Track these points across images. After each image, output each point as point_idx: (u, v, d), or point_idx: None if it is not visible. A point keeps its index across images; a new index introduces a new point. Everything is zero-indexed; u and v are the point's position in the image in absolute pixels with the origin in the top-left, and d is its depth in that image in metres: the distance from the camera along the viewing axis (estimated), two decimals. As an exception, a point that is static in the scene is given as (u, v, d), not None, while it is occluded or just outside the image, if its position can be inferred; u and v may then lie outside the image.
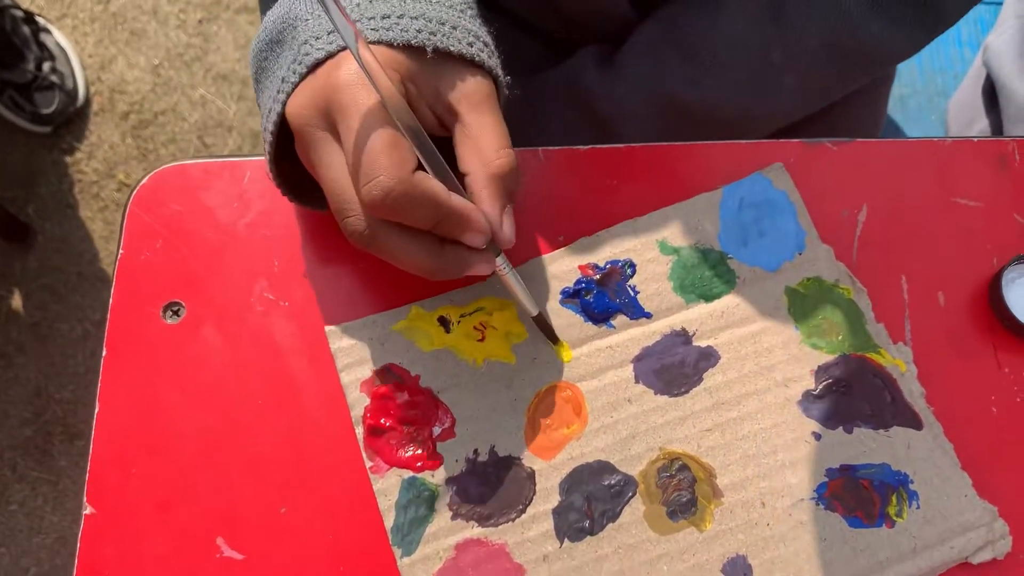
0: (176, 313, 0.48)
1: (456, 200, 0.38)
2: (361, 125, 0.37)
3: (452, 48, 0.40)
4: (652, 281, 0.48)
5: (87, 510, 0.44)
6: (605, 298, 0.47)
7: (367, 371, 0.46)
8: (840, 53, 0.54)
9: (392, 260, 0.40)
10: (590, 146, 0.51)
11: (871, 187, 0.50)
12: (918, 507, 0.44)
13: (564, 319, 0.47)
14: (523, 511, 0.44)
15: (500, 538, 0.44)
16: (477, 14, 0.44)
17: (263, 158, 0.50)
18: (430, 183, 0.37)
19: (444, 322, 0.47)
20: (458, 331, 0.47)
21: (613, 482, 0.44)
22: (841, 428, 0.45)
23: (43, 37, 1.47)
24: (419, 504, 0.44)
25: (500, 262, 0.42)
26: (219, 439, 0.45)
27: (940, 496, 0.44)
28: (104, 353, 0.47)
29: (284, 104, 0.40)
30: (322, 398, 0.46)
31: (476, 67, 0.41)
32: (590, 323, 0.47)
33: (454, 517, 0.44)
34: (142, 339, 0.47)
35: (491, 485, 0.44)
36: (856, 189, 0.50)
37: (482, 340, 0.46)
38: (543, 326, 0.45)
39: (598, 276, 0.48)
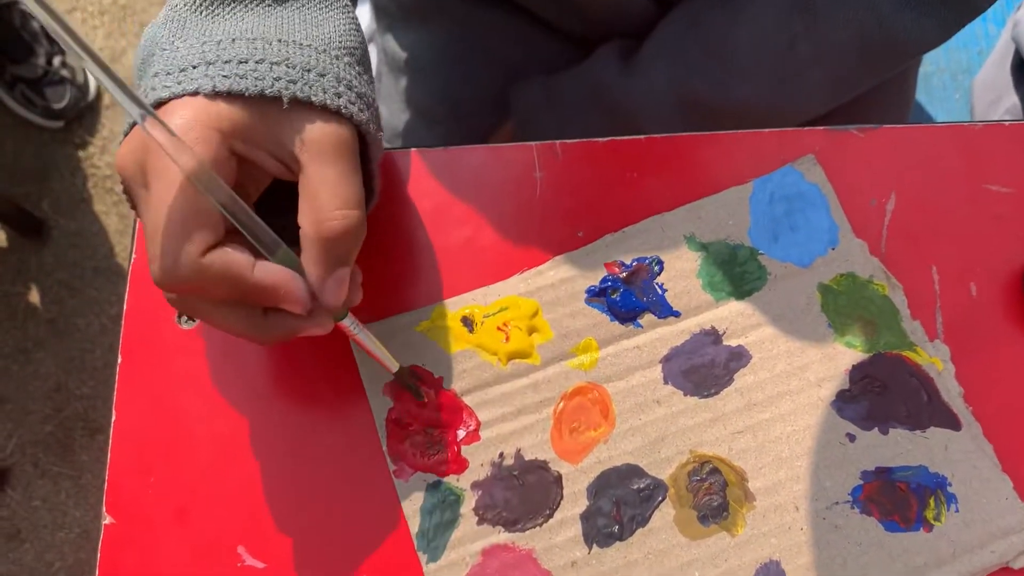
0: (191, 318, 0.47)
1: (260, 274, 0.35)
2: (158, 197, 0.34)
3: (313, 98, 0.36)
4: (680, 278, 0.46)
5: (106, 520, 0.44)
6: (632, 296, 0.46)
7: (390, 374, 0.45)
8: (869, 45, 0.52)
9: (212, 326, 0.38)
10: (609, 138, 0.49)
11: (900, 175, 0.49)
12: (957, 510, 0.43)
13: (590, 319, 0.46)
14: (550, 516, 0.43)
15: (527, 544, 0.43)
16: (357, 61, 0.40)
17: None
18: (226, 261, 0.35)
19: (467, 322, 0.46)
20: (482, 331, 0.46)
21: (642, 486, 0.43)
22: (877, 429, 0.44)
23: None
24: (444, 509, 0.43)
25: (347, 323, 0.40)
26: (238, 445, 0.45)
27: (980, 499, 0.43)
28: (120, 360, 0.46)
29: (122, 143, 0.37)
30: (341, 401, 0.45)
31: (333, 115, 0.37)
32: (616, 322, 0.46)
33: (480, 522, 0.43)
34: (158, 344, 0.46)
35: (517, 489, 0.43)
36: (884, 177, 0.49)
37: (506, 340, 0.45)
38: (405, 381, 0.44)
39: (624, 274, 0.46)
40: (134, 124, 0.36)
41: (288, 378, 0.46)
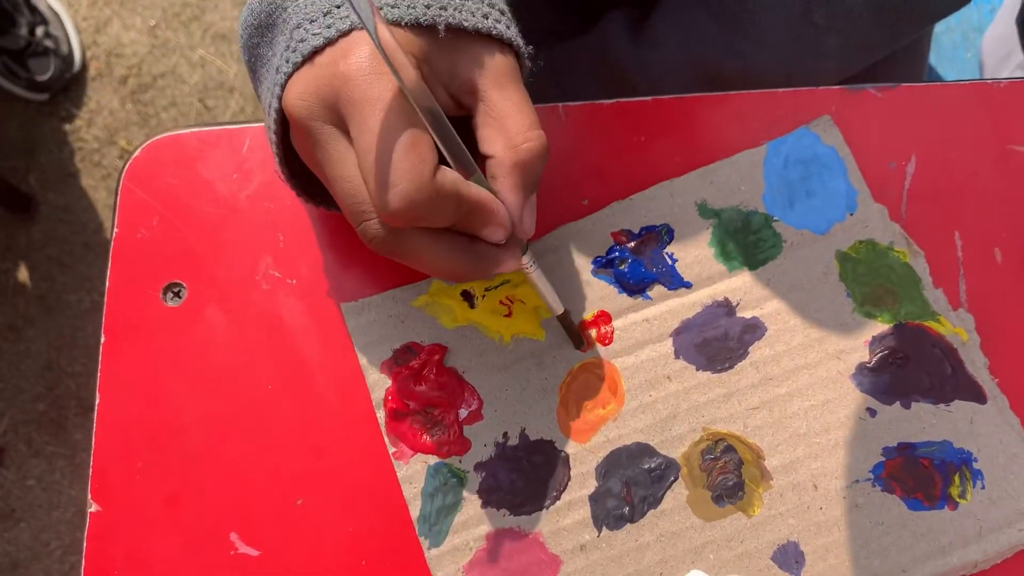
0: (177, 295, 0.45)
1: (476, 193, 0.35)
2: (376, 123, 0.33)
3: (466, 23, 0.35)
4: (691, 247, 0.44)
5: (92, 508, 0.42)
6: (641, 267, 0.44)
7: (387, 350, 0.43)
8: (887, 9, 0.50)
9: (416, 265, 0.36)
10: (614, 100, 0.47)
11: (920, 136, 0.46)
12: (983, 487, 0.41)
13: (597, 291, 0.44)
14: (557, 498, 0.41)
15: (533, 527, 0.41)
16: None
17: (262, 125, 0.46)
18: (451, 180, 0.34)
19: (468, 296, 0.44)
20: (483, 306, 0.43)
21: (653, 466, 0.41)
22: (898, 403, 0.42)
23: (34, 1, 1.42)
24: (446, 492, 0.41)
25: (526, 260, 0.39)
26: (228, 428, 0.43)
27: (1007, 475, 0.41)
28: (103, 340, 0.44)
29: (280, 97, 0.36)
30: (337, 381, 0.43)
31: (494, 40, 0.36)
32: (625, 294, 0.43)
33: (484, 505, 0.41)
34: (142, 324, 0.44)
35: (523, 471, 0.41)
36: (904, 138, 0.46)
37: (509, 315, 0.43)
38: (568, 326, 0.42)
39: (632, 243, 0.44)
40: (295, 69, 0.35)
41: (277, 357, 0.44)
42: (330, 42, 0.34)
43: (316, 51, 0.35)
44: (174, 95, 1.46)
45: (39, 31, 1.40)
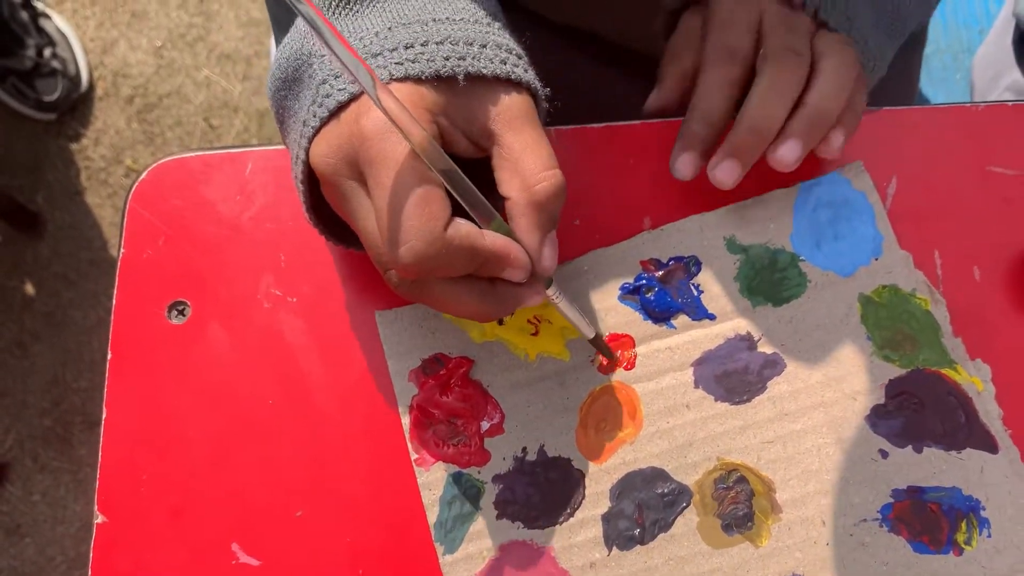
0: (181, 313, 0.46)
1: (491, 241, 0.36)
2: (388, 181, 0.34)
3: (484, 70, 0.36)
4: (717, 281, 0.45)
5: (99, 519, 0.43)
6: (667, 296, 0.45)
7: (416, 360, 0.44)
8: None
9: (440, 309, 0.38)
10: (604, 124, 0.48)
11: (901, 157, 0.48)
12: (989, 535, 0.42)
13: (622, 316, 0.45)
14: (571, 515, 0.42)
15: (546, 541, 0.42)
16: (505, 23, 0.41)
17: (265, 148, 0.48)
18: (464, 232, 0.35)
19: (497, 313, 0.45)
20: (511, 323, 0.45)
21: (667, 490, 0.42)
22: (911, 447, 0.43)
23: (43, 22, 1.45)
24: (464, 501, 0.42)
25: (551, 291, 0.40)
26: (231, 442, 0.44)
27: (1015, 525, 0.42)
28: (109, 356, 0.45)
29: (307, 151, 0.37)
30: (336, 396, 0.44)
31: (511, 83, 0.38)
32: (649, 322, 0.45)
33: (499, 516, 0.42)
34: (148, 341, 0.46)
35: (539, 486, 0.43)
36: (885, 160, 0.48)
37: (536, 334, 0.44)
38: (601, 346, 0.43)
39: (660, 273, 0.45)
40: (322, 124, 0.36)
41: (278, 373, 0.45)
42: (354, 97, 0.36)
43: (341, 106, 0.36)
44: (179, 114, 1.48)
45: (47, 52, 1.42)
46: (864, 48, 0.44)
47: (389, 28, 0.37)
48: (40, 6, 1.46)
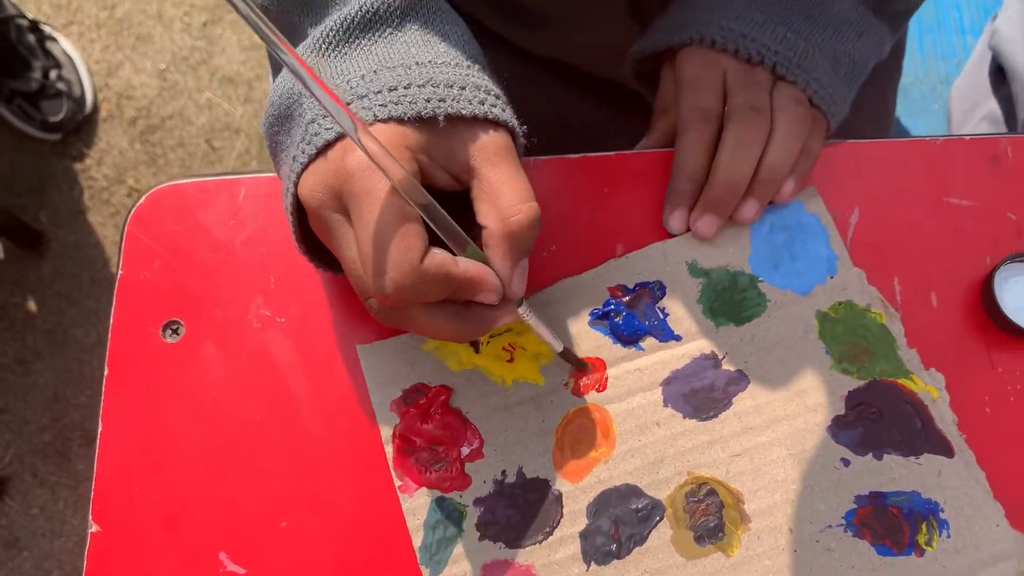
0: (175, 332, 0.48)
1: (464, 268, 0.38)
2: (370, 215, 0.36)
3: (463, 111, 0.39)
4: (682, 303, 0.47)
5: (93, 528, 0.45)
6: (634, 320, 0.47)
7: (397, 390, 0.46)
8: None
9: (419, 333, 0.41)
10: (580, 155, 0.51)
11: (863, 188, 0.51)
12: (948, 536, 0.44)
13: (593, 341, 0.47)
14: (550, 533, 0.44)
15: (527, 560, 0.44)
16: (485, 64, 0.43)
17: (257, 175, 0.50)
18: (438, 262, 0.37)
19: (474, 342, 0.47)
20: (487, 351, 0.47)
21: (640, 506, 0.44)
22: (871, 455, 0.45)
23: (49, 45, 1.47)
24: (447, 524, 0.44)
25: (522, 310, 0.42)
26: (220, 456, 0.46)
27: (971, 525, 0.44)
28: (106, 373, 0.47)
29: (296, 184, 0.40)
30: (320, 412, 0.46)
31: (489, 122, 0.40)
32: (619, 345, 0.47)
33: (481, 538, 0.44)
34: (143, 358, 0.48)
35: (518, 507, 0.44)
36: (848, 191, 0.50)
37: (511, 361, 0.47)
38: (570, 358, 0.45)
39: (627, 298, 0.48)
40: (310, 160, 0.39)
41: (265, 390, 0.47)
42: (340, 136, 0.38)
43: (328, 144, 0.38)
44: (182, 136, 1.50)
45: (52, 74, 1.44)
46: (822, 97, 0.48)
47: (375, 71, 0.39)
48: (47, 29, 1.48)
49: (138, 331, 0.48)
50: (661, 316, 0.47)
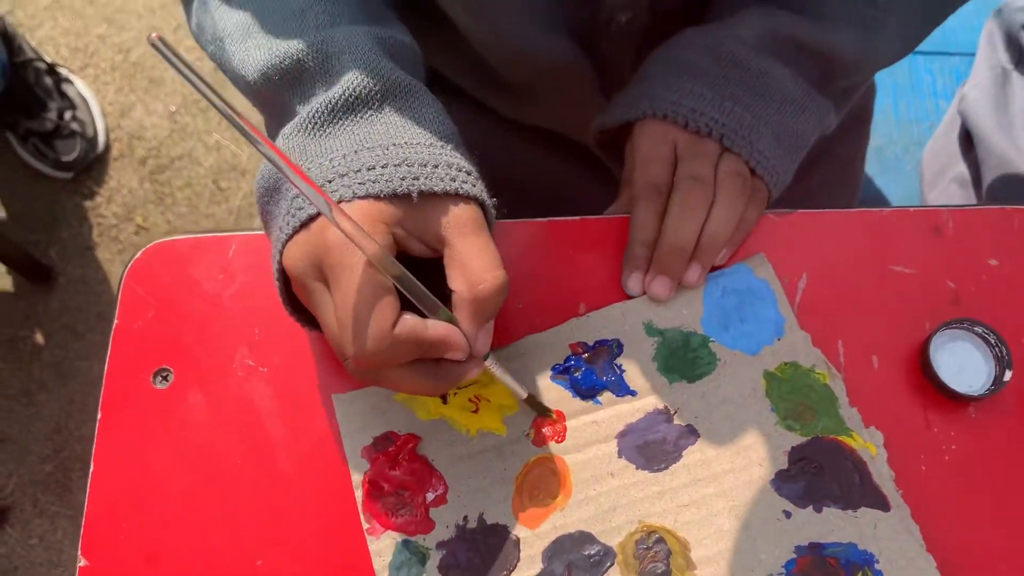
0: (165, 378, 0.51)
1: (433, 330, 0.42)
2: (348, 286, 0.40)
3: (436, 188, 0.42)
4: (637, 361, 0.51)
5: (81, 563, 0.48)
6: (593, 375, 0.50)
7: (368, 437, 0.49)
8: None
9: (392, 389, 0.45)
10: (548, 218, 0.55)
11: (812, 255, 0.54)
12: (883, 586, 0.47)
13: (554, 394, 0.50)
14: (508, 576, 0.47)
15: (485, 601, 0.46)
16: (459, 142, 0.47)
17: (247, 233, 0.54)
18: (410, 327, 0.41)
19: (442, 394, 0.50)
20: (454, 402, 0.50)
21: (593, 552, 0.47)
22: (811, 507, 0.48)
23: (65, 87, 1.52)
24: (411, 566, 0.47)
25: (489, 362, 0.46)
26: (202, 496, 0.49)
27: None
28: (99, 416, 0.51)
29: (281, 253, 0.44)
30: (296, 457, 0.50)
31: (460, 197, 0.44)
32: (578, 399, 0.50)
33: (443, 580, 0.47)
34: (134, 403, 0.51)
35: (479, 551, 0.47)
36: (797, 257, 0.54)
37: (476, 411, 0.50)
38: (534, 404, 0.49)
39: (587, 354, 0.51)
40: (294, 232, 0.43)
41: (246, 435, 0.50)
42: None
43: (311, 218, 0.42)
44: (190, 176, 1.55)
45: (67, 115, 1.50)
46: (765, 167, 0.51)
47: (355, 151, 0.43)
48: (64, 72, 1.53)
49: (131, 377, 0.52)
50: (618, 372, 0.50)
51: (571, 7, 0.58)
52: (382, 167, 0.42)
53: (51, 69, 1.51)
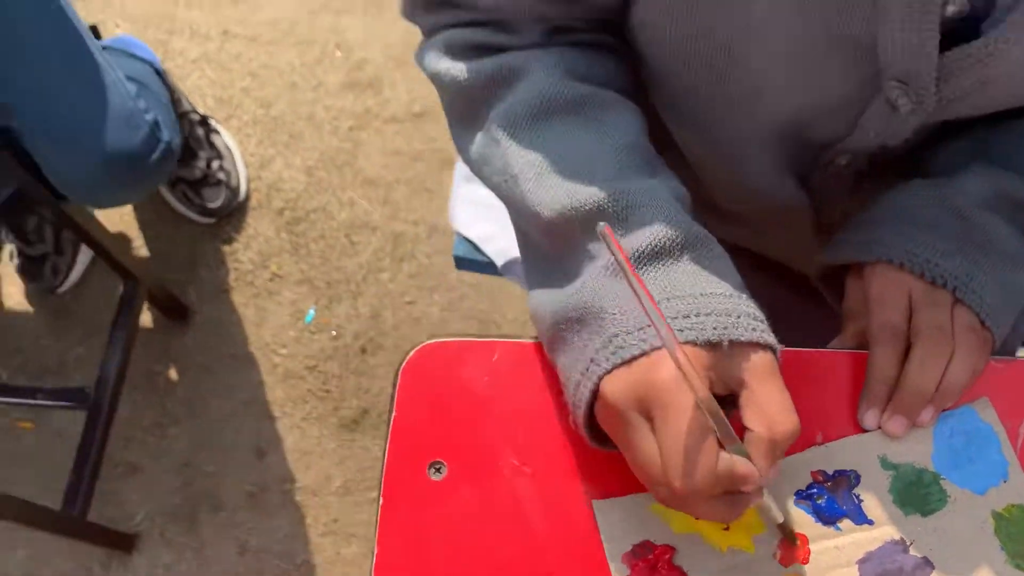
0: (439, 471, 0.57)
1: (740, 468, 0.47)
2: (677, 426, 0.46)
3: (743, 337, 0.48)
4: (875, 492, 0.56)
5: None
6: (834, 503, 0.55)
7: (627, 544, 0.55)
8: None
9: (696, 516, 0.51)
10: (790, 348, 0.59)
11: None
12: None
13: (796, 516, 0.55)
14: None
15: None
16: (747, 292, 0.52)
17: (508, 340, 0.60)
18: (726, 466, 0.47)
19: (697, 509, 0.55)
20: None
21: (837, 668, 0.52)
22: (1038, 642, 0.52)
23: (213, 137, 1.62)
24: (672, 669, 0.52)
25: (764, 493, 0.51)
26: None
27: None
28: (381, 502, 0.57)
29: (596, 383, 0.49)
30: (560, 555, 0.54)
31: (758, 345, 0.49)
32: (820, 523, 0.55)
33: None
34: (411, 490, 0.57)
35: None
36: (1018, 404, 0.58)
37: (727, 529, 0.55)
38: (785, 530, 0.54)
39: (828, 483, 0.56)
40: (613, 367, 0.48)
41: (510, 532, 0.55)
42: (644, 352, 0.48)
43: (633, 357, 0.48)
44: (323, 229, 1.63)
45: (214, 164, 1.59)
46: (994, 321, 0.57)
47: (667, 299, 0.49)
48: (213, 123, 1.63)
49: (408, 466, 0.57)
50: (856, 501, 0.55)
51: (796, 150, 0.64)
52: (695, 316, 0.48)
53: (203, 120, 1.61)
